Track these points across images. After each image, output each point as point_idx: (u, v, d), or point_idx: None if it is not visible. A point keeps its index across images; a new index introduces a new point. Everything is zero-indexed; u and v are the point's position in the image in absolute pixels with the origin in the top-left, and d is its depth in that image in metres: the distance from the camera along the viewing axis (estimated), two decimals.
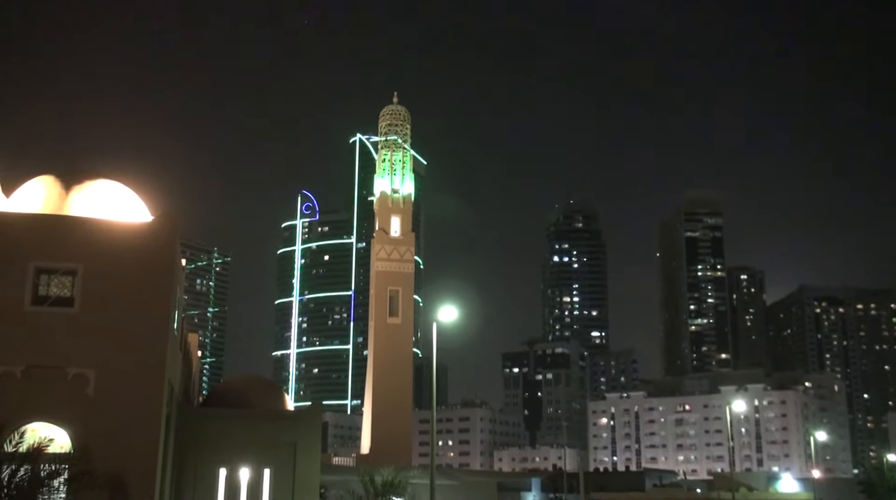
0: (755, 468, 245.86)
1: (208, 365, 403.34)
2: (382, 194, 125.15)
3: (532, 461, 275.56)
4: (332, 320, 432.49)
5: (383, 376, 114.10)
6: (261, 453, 62.31)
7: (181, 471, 59.74)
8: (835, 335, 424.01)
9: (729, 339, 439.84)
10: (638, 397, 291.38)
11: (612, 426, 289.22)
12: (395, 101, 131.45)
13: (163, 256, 48.63)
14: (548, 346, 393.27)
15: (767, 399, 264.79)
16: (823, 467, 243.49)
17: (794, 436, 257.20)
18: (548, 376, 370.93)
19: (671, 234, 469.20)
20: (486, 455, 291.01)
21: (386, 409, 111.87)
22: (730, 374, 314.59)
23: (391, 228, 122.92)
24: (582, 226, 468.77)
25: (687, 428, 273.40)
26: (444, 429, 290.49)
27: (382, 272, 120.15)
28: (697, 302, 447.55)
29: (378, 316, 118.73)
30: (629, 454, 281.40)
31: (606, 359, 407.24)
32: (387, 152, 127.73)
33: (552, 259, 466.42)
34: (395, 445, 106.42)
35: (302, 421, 66.60)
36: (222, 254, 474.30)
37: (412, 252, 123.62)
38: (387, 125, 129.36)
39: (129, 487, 43.93)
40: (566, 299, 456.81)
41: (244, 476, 61.80)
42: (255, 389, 71.56)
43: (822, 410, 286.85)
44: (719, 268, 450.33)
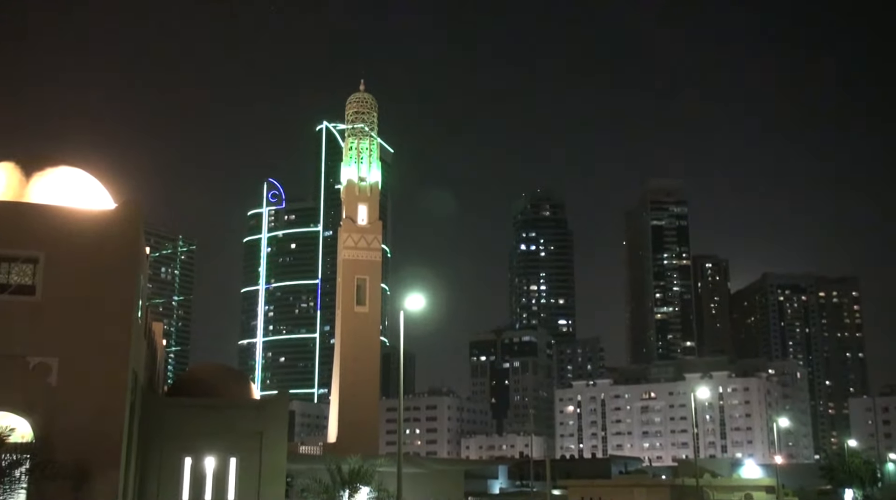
0: (719, 454, 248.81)
1: (173, 354, 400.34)
2: (349, 182, 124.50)
3: (499, 448, 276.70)
4: (299, 309, 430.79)
5: (350, 364, 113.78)
6: (227, 442, 61.90)
7: (146, 460, 59.27)
8: (797, 323, 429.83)
9: (694, 327, 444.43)
10: (604, 384, 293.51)
11: (578, 414, 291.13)
12: (362, 88, 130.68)
13: (126, 244, 48.07)
14: (515, 334, 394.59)
15: (731, 386, 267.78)
16: (786, 453, 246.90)
17: (757, 423, 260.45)
18: (515, 365, 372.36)
19: (637, 222, 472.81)
20: (453, 443, 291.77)
21: (353, 398, 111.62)
22: (694, 361, 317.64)
23: (358, 217, 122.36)
24: (549, 215, 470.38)
25: (652, 415, 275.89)
26: (412, 417, 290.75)
27: (349, 261, 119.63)
28: (663, 290, 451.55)
29: (345, 305, 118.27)
30: (595, 441, 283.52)
31: (573, 347, 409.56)
32: (353, 140, 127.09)
33: (519, 248, 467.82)
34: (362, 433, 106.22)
35: (268, 410, 66.19)
36: (187, 242, 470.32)
37: (379, 241, 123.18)
38: (353, 113, 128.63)
39: (92, 477, 43.52)
40: (533, 287, 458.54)
41: (210, 465, 61.42)
42: (220, 378, 71.03)
43: (785, 397, 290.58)
44: (684, 256, 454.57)
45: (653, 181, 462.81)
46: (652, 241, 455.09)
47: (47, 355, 44.99)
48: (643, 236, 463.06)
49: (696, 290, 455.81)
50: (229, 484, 61.97)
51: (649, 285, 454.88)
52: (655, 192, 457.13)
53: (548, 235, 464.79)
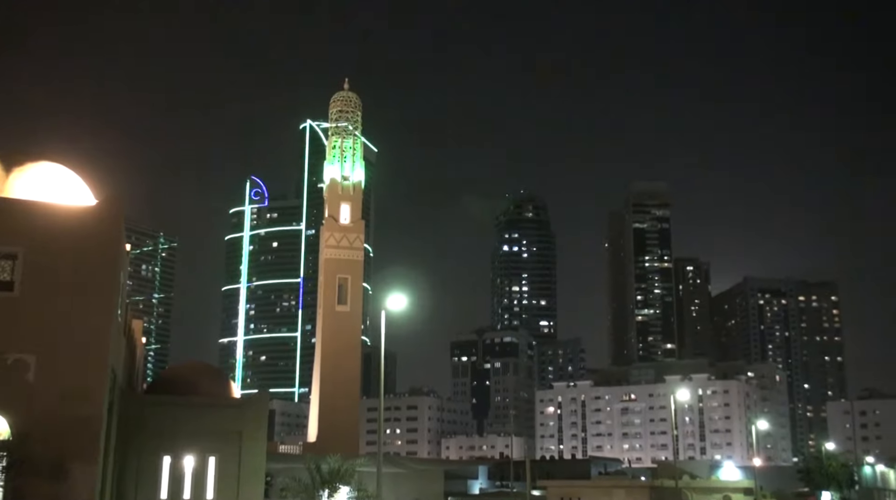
0: (698, 456, 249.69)
1: (153, 352, 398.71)
2: (332, 181, 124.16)
3: (479, 449, 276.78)
4: (281, 308, 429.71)
5: (331, 363, 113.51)
6: (206, 441, 61.59)
7: (124, 459, 58.89)
8: (777, 327, 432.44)
9: (674, 329, 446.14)
10: (584, 386, 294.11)
11: (558, 415, 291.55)
12: (346, 87, 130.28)
13: (107, 240, 47.73)
14: (496, 335, 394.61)
15: (711, 389, 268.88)
16: (764, 455, 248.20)
17: (736, 425, 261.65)
18: (496, 365, 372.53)
19: (619, 225, 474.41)
20: (433, 444, 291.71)
21: (333, 397, 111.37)
22: (675, 364, 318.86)
23: (341, 216, 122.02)
24: (532, 216, 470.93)
25: (632, 417, 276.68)
26: (392, 417, 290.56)
27: (332, 260, 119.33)
28: (644, 293, 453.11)
29: (327, 304, 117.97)
30: (575, 442, 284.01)
31: (554, 348, 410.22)
32: (337, 139, 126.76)
33: (501, 248, 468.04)
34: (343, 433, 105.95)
35: (248, 409, 65.85)
36: (168, 239, 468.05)
37: (362, 240, 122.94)
38: (337, 112, 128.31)
39: (69, 475, 43.21)
40: (515, 288, 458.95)
41: (188, 464, 61.10)
42: (200, 376, 70.56)
43: (764, 399, 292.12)
44: (666, 259, 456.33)
45: (636, 184, 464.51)
46: (634, 243, 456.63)
47: (25, 351, 44.61)
48: (625, 239, 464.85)
49: (677, 292, 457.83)
50: (208, 483, 61.64)
51: (631, 287, 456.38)
52: (638, 194, 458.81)
53: (530, 237, 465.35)
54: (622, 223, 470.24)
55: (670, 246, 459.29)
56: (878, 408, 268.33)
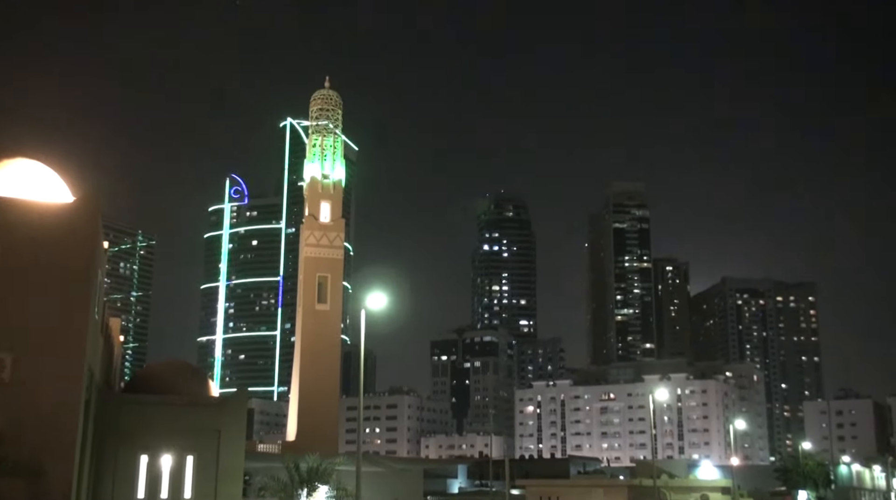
0: (677, 455, 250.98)
1: (131, 350, 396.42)
2: (313, 180, 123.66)
3: (459, 448, 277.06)
4: (260, 306, 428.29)
5: (310, 362, 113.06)
6: (183, 440, 61.23)
7: (101, 458, 58.49)
8: (755, 327, 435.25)
9: (654, 329, 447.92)
10: (564, 385, 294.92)
11: (538, 414, 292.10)
12: (327, 85, 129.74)
13: (84, 238, 47.32)
14: (476, 334, 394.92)
15: (689, 388, 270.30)
16: (742, 454, 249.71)
17: (714, 424, 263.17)
18: (476, 364, 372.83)
19: (599, 225, 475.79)
20: (413, 443, 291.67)
21: (313, 396, 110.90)
22: (654, 363, 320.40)
23: (321, 214, 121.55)
24: (512, 215, 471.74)
25: (611, 416, 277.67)
26: (372, 416, 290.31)
27: (311, 258, 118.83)
28: (624, 292, 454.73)
29: (306, 302, 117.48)
30: (554, 441, 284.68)
31: (534, 348, 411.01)
32: (317, 137, 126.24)
33: (482, 248, 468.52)
34: (322, 432, 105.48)
35: (226, 408, 65.45)
36: (147, 237, 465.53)
37: (342, 238, 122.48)
38: (318, 110, 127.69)
39: (46, 474, 42.85)
40: (495, 287, 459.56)
41: (166, 463, 60.78)
42: (178, 374, 70.13)
43: (742, 399, 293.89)
44: (645, 259, 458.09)
45: (616, 184, 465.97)
46: (614, 243, 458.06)
47: (1, 350, 44.17)
48: (605, 239, 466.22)
49: (656, 292, 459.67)
50: (186, 483, 61.31)
51: (610, 286, 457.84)
52: (618, 195, 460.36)
53: (511, 236, 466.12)
54: (602, 223, 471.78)
55: (650, 246, 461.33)
56: (854, 408, 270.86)
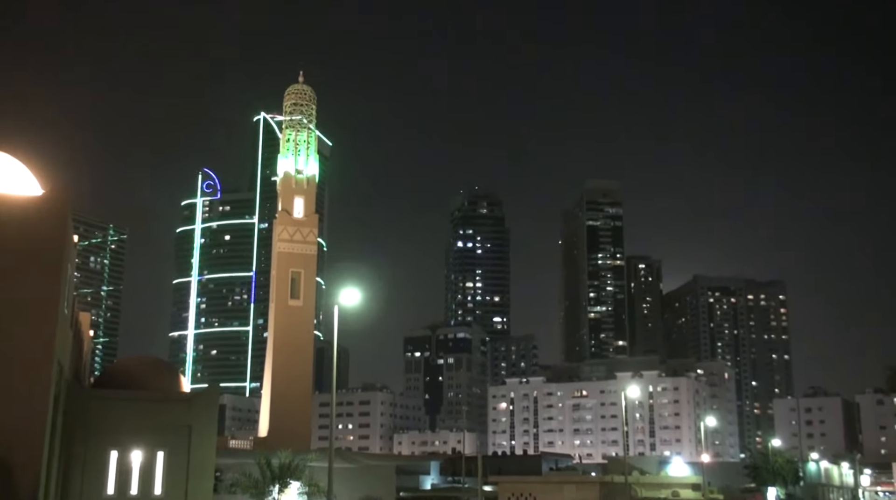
0: (648, 452, 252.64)
1: (101, 345, 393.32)
2: (286, 175, 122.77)
3: (432, 444, 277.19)
4: (232, 301, 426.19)
5: (283, 358, 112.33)
6: (154, 435, 60.69)
7: (69, 454, 57.83)
8: (726, 324, 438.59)
9: (626, 326, 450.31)
10: (537, 382, 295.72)
11: (510, 411, 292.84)
12: (301, 80, 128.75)
13: (53, 231, 46.73)
14: (449, 331, 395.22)
15: (661, 386, 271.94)
16: (712, 451, 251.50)
17: (685, 421, 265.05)
18: (449, 361, 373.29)
19: (573, 222, 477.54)
20: (385, 439, 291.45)
21: (285, 392, 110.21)
22: (626, 360, 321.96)
23: (294, 210, 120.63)
24: (486, 212, 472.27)
25: (584, 413, 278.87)
26: (345, 413, 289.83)
27: (284, 253, 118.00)
28: (597, 290, 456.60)
29: (279, 298, 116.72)
30: (527, 438, 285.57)
31: (507, 344, 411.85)
32: (291, 132, 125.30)
33: (456, 244, 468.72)
34: (294, 428, 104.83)
35: (198, 403, 64.90)
36: (118, 231, 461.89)
37: (315, 234, 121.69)
38: (291, 105, 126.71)
39: (13, 471, 42.31)
40: (469, 284, 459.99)
41: (136, 459, 60.23)
42: (149, 370, 69.52)
43: (713, 396, 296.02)
44: (618, 257, 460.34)
45: (590, 182, 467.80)
46: (587, 241, 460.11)
47: None
48: (579, 236, 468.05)
49: (629, 290, 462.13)
50: (156, 479, 60.81)
51: (583, 284, 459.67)
52: (592, 192, 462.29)
53: (485, 233, 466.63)
54: (576, 221, 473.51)
55: (623, 244, 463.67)
56: (823, 406, 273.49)
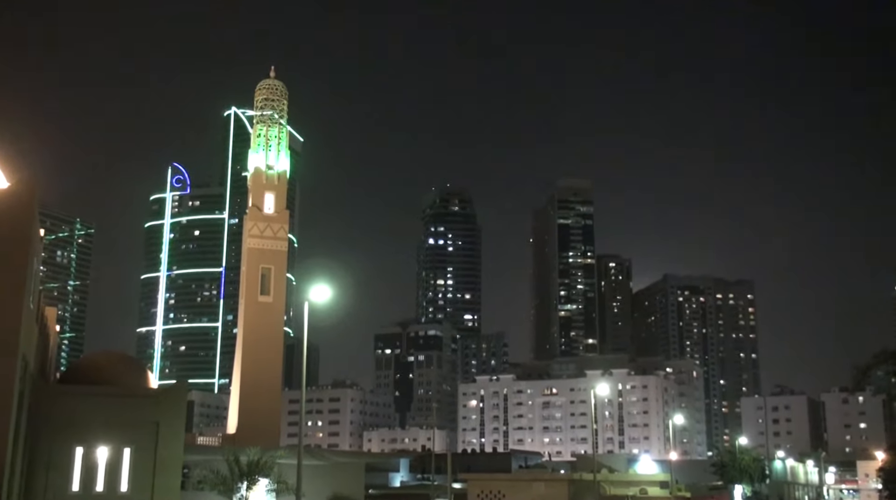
0: (617, 449, 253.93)
1: (67, 340, 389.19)
2: (257, 170, 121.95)
3: (401, 441, 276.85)
4: (202, 297, 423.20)
5: (252, 354, 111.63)
6: (121, 432, 60.37)
7: (34, 451, 57.13)
8: (695, 323, 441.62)
9: (596, 324, 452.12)
10: (507, 380, 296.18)
11: (480, 408, 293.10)
12: (273, 75, 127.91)
13: (19, 224, 46.06)
14: (420, 328, 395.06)
15: (630, 384, 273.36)
16: (680, 449, 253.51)
17: (654, 419, 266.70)
18: (419, 358, 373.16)
19: (544, 220, 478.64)
20: (355, 436, 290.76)
21: (254, 388, 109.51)
22: (596, 358, 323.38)
23: (265, 205, 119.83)
24: (458, 210, 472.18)
25: (553, 411, 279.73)
26: (314, 409, 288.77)
27: (255, 249, 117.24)
28: (567, 288, 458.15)
29: (249, 294, 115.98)
30: (497, 435, 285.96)
31: (478, 342, 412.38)
32: (262, 127, 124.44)
33: (427, 242, 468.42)
34: (263, 425, 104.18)
35: (165, 399, 64.69)
36: (85, 225, 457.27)
37: (286, 230, 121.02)
38: (263, 100, 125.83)
39: None
40: (440, 281, 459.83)
41: (102, 456, 59.86)
42: (116, 365, 68.96)
43: (681, 395, 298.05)
44: (589, 255, 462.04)
45: (561, 180, 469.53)
46: (558, 239, 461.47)
47: None
48: (550, 234, 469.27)
49: (599, 288, 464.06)
50: (122, 475, 60.52)
51: (554, 282, 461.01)
52: (563, 191, 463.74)
53: (456, 230, 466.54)
54: (547, 219, 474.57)
55: (593, 242, 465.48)
56: (790, 404, 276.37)
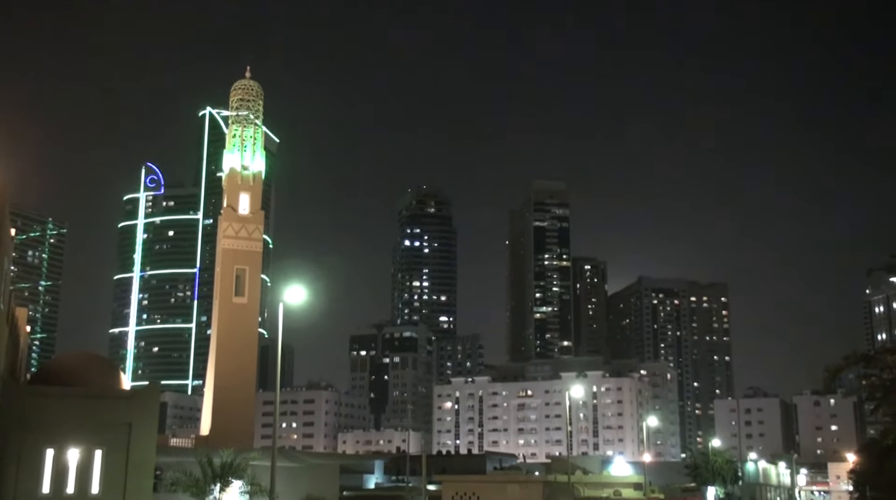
0: (591, 451, 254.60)
1: (38, 341, 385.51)
2: (231, 170, 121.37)
3: (376, 443, 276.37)
4: (175, 298, 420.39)
5: (226, 356, 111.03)
6: (92, 433, 59.99)
7: (4, 452, 56.53)
8: (669, 326, 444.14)
9: (571, 327, 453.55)
10: (482, 381, 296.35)
11: (456, 410, 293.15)
12: (248, 75, 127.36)
13: None
14: (396, 329, 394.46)
15: (605, 386, 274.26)
16: (654, 451, 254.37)
17: (628, 421, 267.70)
18: (395, 360, 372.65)
19: (520, 223, 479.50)
20: (330, 438, 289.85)
21: (228, 390, 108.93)
22: (571, 361, 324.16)
23: (240, 206, 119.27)
24: (434, 211, 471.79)
25: (528, 413, 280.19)
26: (289, 411, 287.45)
27: (229, 250, 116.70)
28: (543, 290, 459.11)
29: (223, 295, 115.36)
30: (472, 437, 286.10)
31: (453, 344, 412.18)
32: (237, 128, 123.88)
33: (403, 243, 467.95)
34: (237, 426, 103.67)
35: (138, 401, 64.34)
36: (57, 225, 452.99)
37: (261, 231, 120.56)
38: (238, 100, 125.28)
39: None
40: (416, 283, 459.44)
41: (73, 458, 59.36)
42: (87, 366, 68.47)
43: (655, 397, 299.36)
44: (565, 258, 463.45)
45: (537, 183, 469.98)
46: (534, 241, 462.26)
47: None
48: (525, 237, 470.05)
49: (574, 291, 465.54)
50: (93, 477, 60.06)
51: (530, 284, 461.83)
52: (539, 193, 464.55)
53: (432, 232, 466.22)
54: (523, 221, 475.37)
55: (569, 245, 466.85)
56: (762, 406, 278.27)
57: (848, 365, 53.73)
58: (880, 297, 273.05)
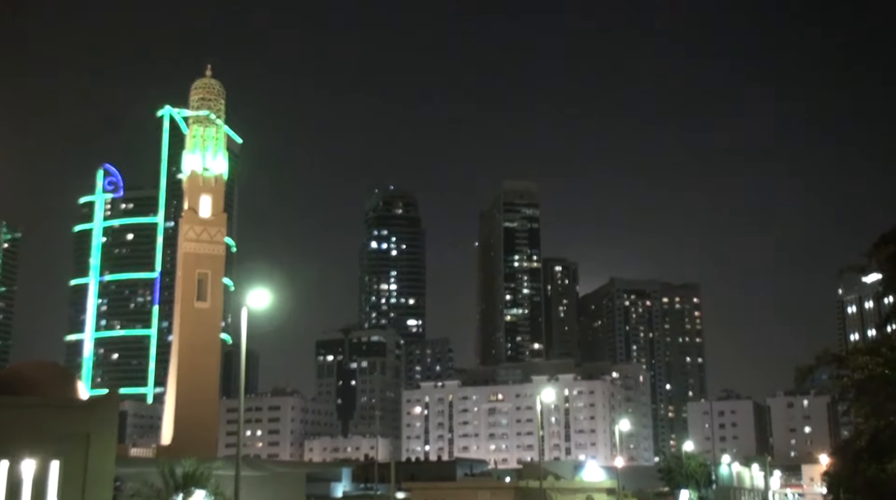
0: (563, 456, 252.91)
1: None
2: (193, 172, 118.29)
3: (344, 450, 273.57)
4: (135, 304, 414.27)
5: (188, 362, 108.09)
6: (48, 444, 57.82)
7: None
8: (641, 328, 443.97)
9: (542, 329, 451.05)
10: (452, 386, 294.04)
11: (425, 416, 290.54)
12: (209, 74, 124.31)
13: None
14: (363, 333, 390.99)
15: (577, 389, 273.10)
16: (627, 455, 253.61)
17: (600, 425, 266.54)
18: (363, 365, 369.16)
19: (490, 223, 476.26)
20: (296, 445, 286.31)
21: (190, 397, 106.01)
22: (542, 364, 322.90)
23: (201, 208, 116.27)
24: (401, 212, 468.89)
25: (499, 417, 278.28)
26: (253, 418, 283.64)
27: (191, 254, 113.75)
28: (513, 292, 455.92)
29: (185, 300, 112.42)
30: (442, 443, 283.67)
31: (422, 348, 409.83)
32: (198, 128, 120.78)
33: (370, 245, 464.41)
34: (200, 435, 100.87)
35: (96, 410, 62.52)
36: (11, 230, 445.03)
37: (223, 234, 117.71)
38: (199, 100, 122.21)
39: None
40: (383, 286, 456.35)
41: (28, 470, 57.28)
42: (43, 375, 66.27)
43: (628, 400, 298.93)
44: (535, 259, 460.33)
45: (507, 183, 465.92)
46: (504, 242, 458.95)
47: None
48: (495, 238, 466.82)
49: (545, 292, 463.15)
50: (49, 490, 58.30)
51: (500, 286, 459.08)
52: (509, 193, 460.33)
53: (400, 234, 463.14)
54: (492, 222, 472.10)
55: (539, 246, 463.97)
56: (735, 408, 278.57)
57: (819, 365, 52.82)
58: (853, 297, 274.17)
